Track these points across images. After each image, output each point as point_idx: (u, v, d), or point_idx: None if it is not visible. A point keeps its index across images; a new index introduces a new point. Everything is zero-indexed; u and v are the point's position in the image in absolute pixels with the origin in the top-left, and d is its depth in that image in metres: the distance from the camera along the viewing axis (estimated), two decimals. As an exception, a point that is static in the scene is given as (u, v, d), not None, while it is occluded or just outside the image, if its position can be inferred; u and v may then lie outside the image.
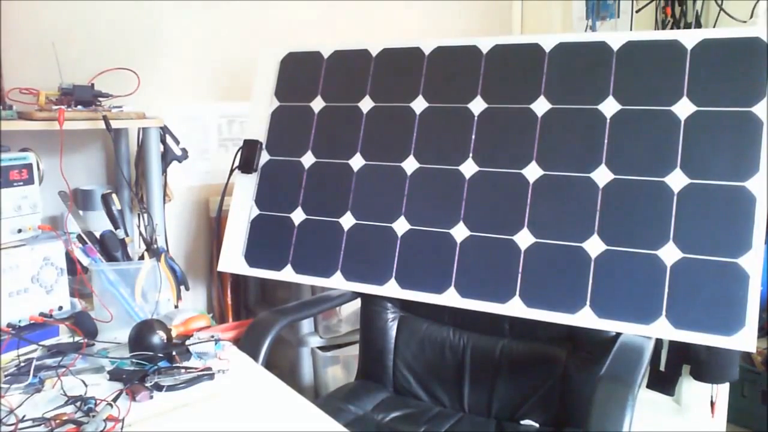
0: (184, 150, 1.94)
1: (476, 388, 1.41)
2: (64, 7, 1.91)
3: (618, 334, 1.19)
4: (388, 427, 1.36)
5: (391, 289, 1.39)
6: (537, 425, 1.33)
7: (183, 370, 1.06)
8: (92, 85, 1.75)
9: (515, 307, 1.27)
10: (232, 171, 1.60)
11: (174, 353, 1.11)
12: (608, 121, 1.26)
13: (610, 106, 1.27)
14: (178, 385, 1.02)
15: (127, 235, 1.33)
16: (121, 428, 0.89)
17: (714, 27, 2.28)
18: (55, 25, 1.89)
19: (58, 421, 0.89)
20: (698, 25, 2.31)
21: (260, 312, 1.41)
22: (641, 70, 1.26)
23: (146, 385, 1.01)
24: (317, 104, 1.56)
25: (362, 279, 1.42)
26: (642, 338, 1.17)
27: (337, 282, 1.44)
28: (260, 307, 2.12)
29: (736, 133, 1.16)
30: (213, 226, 2.15)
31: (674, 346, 1.33)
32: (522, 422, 1.35)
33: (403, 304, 1.50)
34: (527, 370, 1.36)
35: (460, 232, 1.35)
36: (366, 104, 1.51)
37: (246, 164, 1.58)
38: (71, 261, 1.27)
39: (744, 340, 1.11)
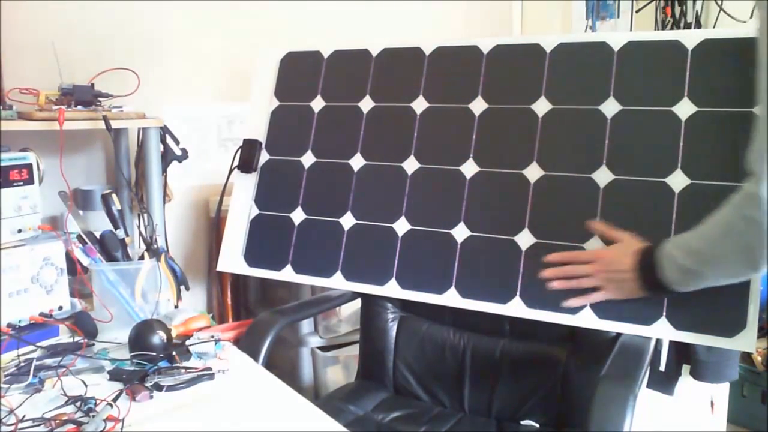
0: (184, 150, 1.94)
1: (476, 388, 1.41)
2: (64, 7, 1.91)
3: (618, 335, 1.19)
4: (389, 427, 1.36)
5: (391, 289, 1.39)
6: (537, 426, 1.33)
7: (183, 370, 1.06)
8: (92, 85, 1.75)
9: (516, 308, 1.27)
10: (231, 171, 1.60)
11: (174, 353, 1.11)
12: (609, 121, 1.26)
13: (610, 107, 1.27)
14: (178, 385, 1.02)
15: (127, 235, 1.33)
16: (121, 428, 0.88)
17: (714, 27, 2.28)
18: (55, 25, 1.89)
19: (58, 421, 0.89)
20: (698, 25, 2.31)
21: (260, 312, 1.41)
22: (642, 70, 1.26)
23: (146, 385, 1.01)
24: (317, 104, 1.56)
25: (362, 279, 1.42)
26: (642, 338, 1.17)
27: (337, 282, 1.44)
28: (260, 307, 2.12)
29: (737, 134, 1.16)
30: (213, 226, 2.15)
31: (674, 346, 1.32)
32: (522, 422, 1.35)
33: (403, 304, 1.50)
34: (528, 371, 1.36)
35: (460, 232, 1.35)
36: (366, 104, 1.51)
37: (245, 164, 1.58)
38: (71, 261, 1.27)
39: (744, 340, 1.10)
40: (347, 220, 1.46)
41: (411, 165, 1.43)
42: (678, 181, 1.19)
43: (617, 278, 1.15)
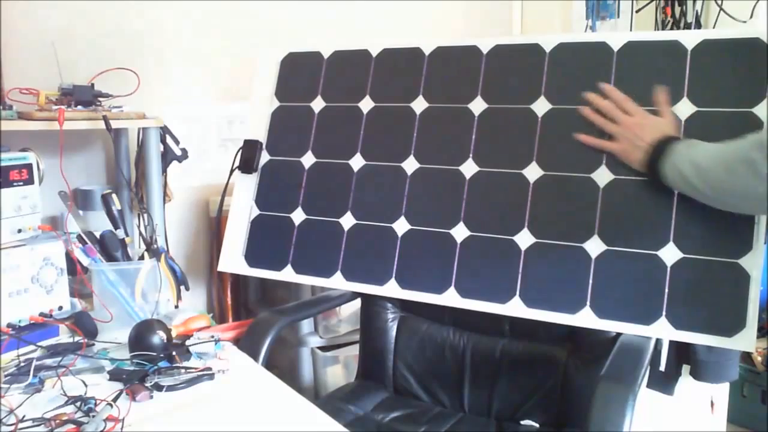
0: (184, 150, 1.94)
1: (476, 388, 1.41)
2: (64, 7, 1.91)
3: (618, 335, 1.19)
4: (388, 427, 1.36)
5: (391, 289, 1.39)
6: (537, 425, 1.33)
7: (183, 370, 1.06)
8: (92, 85, 1.75)
9: (515, 308, 1.27)
10: (232, 171, 1.60)
11: (174, 353, 1.11)
12: (608, 121, 1.26)
13: (610, 107, 1.27)
14: (178, 385, 1.02)
15: (127, 235, 1.33)
16: (121, 428, 0.89)
17: (714, 27, 2.28)
18: (55, 25, 1.89)
19: (58, 421, 0.89)
20: (698, 25, 2.31)
21: (260, 312, 1.41)
22: (641, 70, 1.26)
23: (146, 385, 1.01)
24: (317, 104, 1.56)
25: (362, 279, 1.42)
26: (642, 338, 1.17)
27: (337, 282, 1.44)
28: (260, 307, 2.12)
29: (737, 134, 1.16)
30: (213, 226, 2.15)
31: (674, 346, 1.32)
32: (522, 422, 1.35)
33: (403, 304, 1.50)
34: (527, 371, 1.36)
35: (460, 232, 1.35)
36: (366, 104, 1.51)
37: (246, 164, 1.58)
38: (71, 261, 1.27)
39: (744, 340, 1.10)
40: (347, 220, 1.46)
41: (411, 165, 1.43)
42: (678, 181, 1.19)
43: (635, 141, 1.19)
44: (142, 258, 1.34)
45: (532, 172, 1.31)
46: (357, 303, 1.56)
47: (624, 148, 1.21)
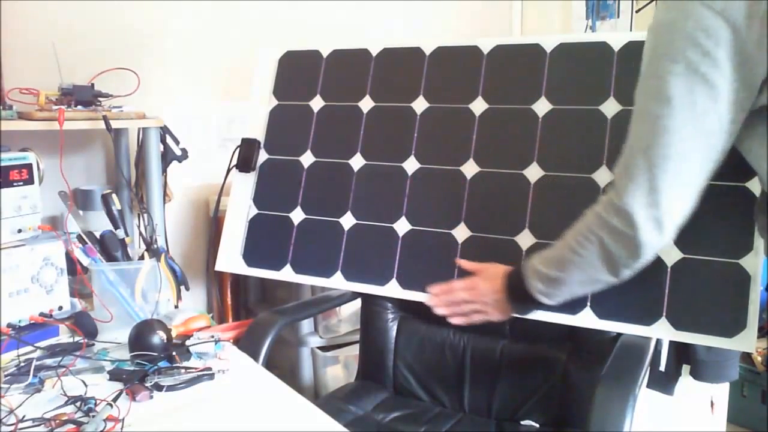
0: (184, 150, 1.94)
1: (476, 388, 1.41)
2: (64, 7, 1.91)
3: (618, 335, 1.19)
4: (389, 427, 1.36)
5: (392, 289, 1.39)
6: (537, 426, 1.33)
7: (183, 370, 1.06)
8: (92, 85, 1.75)
9: (515, 308, 1.27)
10: (229, 170, 1.60)
11: (174, 353, 1.11)
12: (609, 121, 1.26)
13: (610, 107, 1.27)
14: (178, 385, 1.02)
15: (127, 235, 1.33)
16: (121, 428, 0.88)
17: (714, 27, 2.27)
18: (55, 25, 1.89)
19: (58, 421, 0.89)
20: (698, 26, 2.30)
21: (260, 312, 1.41)
22: (642, 70, 1.26)
23: (146, 385, 1.01)
24: (316, 103, 1.56)
25: (363, 279, 1.42)
26: (642, 338, 1.17)
27: (337, 282, 1.44)
28: (260, 307, 2.12)
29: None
30: (212, 226, 2.15)
31: (674, 346, 1.33)
32: (522, 423, 1.35)
33: (403, 305, 1.50)
34: (527, 371, 1.36)
35: (461, 232, 1.35)
36: (366, 104, 1.50)
37: (244, 163, 1.58)
38: (71, 261, 1.27)
39: (744, 340, 1.10)
40: (347, 220, 1.46)
41: (411, 165, 1.43)
42: (678, 181, 1.18)
43: (492, 300, 1.22)
44: (142, 258, 1.34)
45: (533, 172, 1.31)
46: (357, 303, 1.56)
47: (487, 313, 1.24)
